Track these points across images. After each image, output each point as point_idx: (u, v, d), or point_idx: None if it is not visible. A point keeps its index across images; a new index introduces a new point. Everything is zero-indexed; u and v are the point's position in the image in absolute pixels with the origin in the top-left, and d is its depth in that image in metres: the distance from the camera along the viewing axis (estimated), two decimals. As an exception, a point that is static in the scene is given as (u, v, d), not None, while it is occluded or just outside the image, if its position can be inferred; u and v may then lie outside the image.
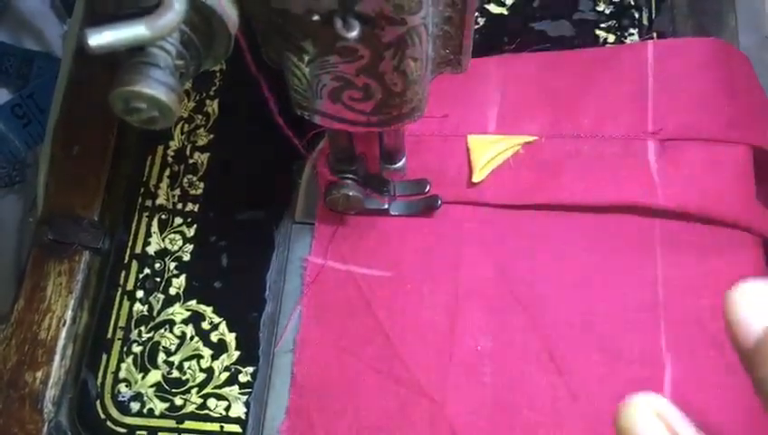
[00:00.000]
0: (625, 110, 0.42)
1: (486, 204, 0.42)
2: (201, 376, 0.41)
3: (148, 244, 0.44)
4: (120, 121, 0.47)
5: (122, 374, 0.41)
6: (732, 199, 0.39)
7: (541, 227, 0.41)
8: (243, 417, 0.40)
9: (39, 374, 0.42)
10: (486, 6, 0.47)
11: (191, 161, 0.46)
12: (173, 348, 0.42)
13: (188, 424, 0.40)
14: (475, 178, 0.41)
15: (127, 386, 0.41)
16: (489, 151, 0.41)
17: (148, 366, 0.41)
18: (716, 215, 0.39)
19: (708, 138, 0.40)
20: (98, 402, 0.41)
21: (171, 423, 0.40)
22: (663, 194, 0.39)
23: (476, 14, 0.46)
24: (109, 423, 0.41)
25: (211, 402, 0.40)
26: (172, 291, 0.43)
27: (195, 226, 0.45)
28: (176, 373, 0.41)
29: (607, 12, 0.46)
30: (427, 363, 0.39)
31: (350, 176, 0.39)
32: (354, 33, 0.26)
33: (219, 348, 0.41)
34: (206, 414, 0.40)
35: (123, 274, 0.44)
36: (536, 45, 0.45)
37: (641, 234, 0.40)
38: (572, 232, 0.40)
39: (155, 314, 0.43)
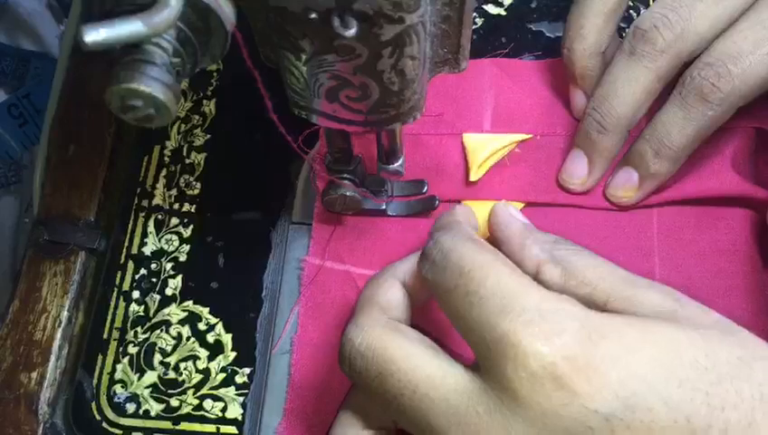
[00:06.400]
0: None
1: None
2: (197, 377, 0.41)
3: (145, 244, 0.44)
4: (116, 122, 0.47)
5: (118, 375, 0.41)
6: (730, 176, 0.39)
7: (539, 225, 0.41)
8: (239, 418, 0.39)
9: (34, 375, 0.42)
10: (484, 7, 0.47)
11: (188, 161, 0.46)
12: (169, 349, 0.41)
13: (184, 425, 0.40)
14: (473, 178, 0.41)
15: (123, 387, 0.41)
16: (485, 150, 0.41)
17: (144, 367, 0.41)
18: (714, 192, 0.39)
19: None
20: (93, 404, 0.41)
21: (167, 425, 0.40)
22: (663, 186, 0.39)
23: (474, 14, 0.46)
24: (104, 425, 0.40)
25: (207, 404, 0.40)
26: (168, 291, 0.43)
27: (191, 226, 0.44)
28: (172, 374, 0.41)
29: (605, 13, 0.46)
30: None
31: (348, 176, 0.39)
32: (352, 32, 0.26)
33: (216, 349, 0.41)
34: (203, 415, 0.40)
35: (119, 274, 0.44)
36: (533, 47, 0.45)
37: (639, 227, 0.40)
38: (570, 228, 0.40)
39: (151, 314, 0.42)
